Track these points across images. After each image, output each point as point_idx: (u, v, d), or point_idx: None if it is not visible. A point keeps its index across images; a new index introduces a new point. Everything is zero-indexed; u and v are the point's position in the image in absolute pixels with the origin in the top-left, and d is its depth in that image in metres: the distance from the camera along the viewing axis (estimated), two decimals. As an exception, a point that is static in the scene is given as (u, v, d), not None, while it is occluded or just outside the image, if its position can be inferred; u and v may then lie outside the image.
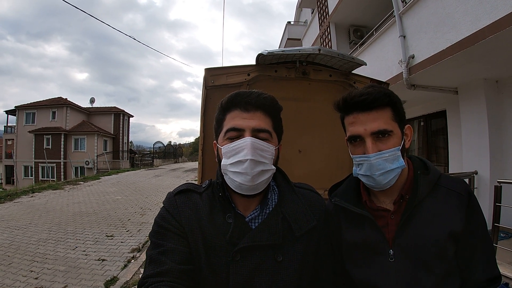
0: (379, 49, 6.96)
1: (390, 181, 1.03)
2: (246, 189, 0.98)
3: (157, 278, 0.89)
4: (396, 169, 1.01)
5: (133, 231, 7.03)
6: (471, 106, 5.66)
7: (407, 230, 1.03)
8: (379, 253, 1.06)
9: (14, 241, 6.14)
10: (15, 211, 8.98)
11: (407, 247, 1.02)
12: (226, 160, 0.99)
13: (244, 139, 0.97)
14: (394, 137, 1.02)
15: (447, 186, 1.07)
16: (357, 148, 1.06)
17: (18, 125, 31.56)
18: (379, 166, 1.00)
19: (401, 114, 1.06)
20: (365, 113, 1.02)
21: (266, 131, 1.02)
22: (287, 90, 2.34)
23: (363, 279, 1.08)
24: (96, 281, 4.39)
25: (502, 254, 3.63)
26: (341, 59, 2.25)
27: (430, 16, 5.01)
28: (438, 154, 7.64)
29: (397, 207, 1.08)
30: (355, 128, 1.04)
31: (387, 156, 1.00)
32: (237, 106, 1.02)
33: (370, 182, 1.05)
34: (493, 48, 4.10)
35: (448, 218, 1.02)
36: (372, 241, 1.07)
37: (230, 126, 1.01)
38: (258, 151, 0.97)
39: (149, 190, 13.83)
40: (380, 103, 1.01)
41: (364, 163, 1.03)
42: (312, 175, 2.40)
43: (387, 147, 1.01)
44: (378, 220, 1.08)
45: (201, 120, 2.28)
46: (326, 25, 10.71)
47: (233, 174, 0.98)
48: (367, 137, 1.01)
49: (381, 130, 1.00)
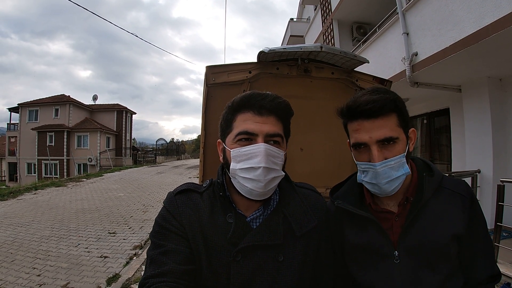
0: (382, 46, 6.92)
1: (395, 188, 1.02)
2: (256, 194, 0.98)
3: (159, 279, 0.89)
4: (402, 176, 1.00)
5: (136, 228, 7.05)
6: (474, 104, 5.62)
7: (412, 232, 1.03)
8: (384, 255, 1.06)
9: (17, 238, 6.17)
10: (18, 208, 9.03)
11: (412, 249, 1.03)
12: (236, 164, 0.97)
13: (258, 145, 0.96)
14: (399, 143, 1.00)
15: (450, 188, 1.07)
16: (362, 154, 1.04)
17: (21, 123, 31.70)
18: (385, 175, 0.99)
19: (406, 119, 1.04)
20: (370, 120, 0.99)
21: (278, 135, 1.00)
22: (289, 88, 2.32)
23: (368, 281, 1.08)
24: (98, 278, 4.41)
25: (505, 254, 3.62)
26: (343, 56, 2.23)
27: (434, 13, 4.97)
28: (441, 153, 7.61)
29: (402, 209, 1.07)
30: (360, 135, 1.01)
31: (393, 164, 0.99)
32: (250, 108, 1.00)
33: (376, 190, 1.04)
34: (497, 46, 4.06)
35: (452, 219, 1.02)
36: (376, 243, 1.07)
37: (242, 129, 0.98)
38: (271, 158, 0.96)
39: (151, 187, 13.85)
40: (386, 111, 0.99)
41: (369, 170, 1.02)
42: (314, 173, 2.40)
43: (393, 154, 0.99)
44: (382, 222, 1.08)
45: (202, 117, 2.27)
46: (329, 22, 10.66)
47: (244, 180, 0.97)
48: (372, 145, 0.99)
49: (387, 138, 0.98)
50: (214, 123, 2.28)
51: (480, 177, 5.35)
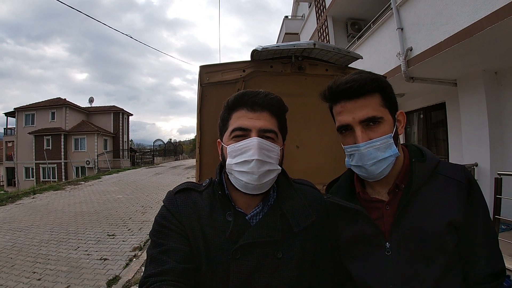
0: (377, 42, 6.91)
1: (383, 171, 0.98)
2: (252, 188, 0.98)
3: (159, 278, 0.89)
4: (389, 158, 0.97)
5: (135, 230, 7.05)
6: (470, 98, 5.63)
7: (404, 222, 0.99)
8: (375, 246, 1.03)
9: (17, 243, 6.15)
10: (17, 213, 9.00)
11: (404, 239, 0.98)
12: (231, 159, 0.99)
13: (251, 139, 0.97)
14: (385, 124, 0.97)
15: (446, 174, 1.02)
16: (347, 138, 1.02)
17: (18, 127, 31.57)
18: (370, 156, 0.96)
19: (391, 100, 1.02)
20: (352, 101, 0.98)
21: (272, 131, 1.01)
22: (283, 85, 2.32)
23: (360, 274, 1.06)
24: (98, 280, 4.41)
25: (503, 246, 3.58)
26: (336, 53, 2.23)
27: (428, 8, 4.96)
28: (438, 147, 7.62)
29: (392, 197, 1.04)
30: (343, 117, 1.00)
31: (379, 145, 0.96)
32: (244, 106, 1.02)
33: (363, 172, 1.01)
34: (491, 40, 4.06)
35: (447, 207, 0.97)
36: (367, 235, 1.04)
37: (236, 126, 1.00)
38: (264, 151, 0.97)
39: (150, 188, 13.85)
40: (367, 90, 0.97)
41: (355, 153, 1.00)
42: (311, 170, 2.40)
43: (378, 135, 0.96)
44: (372, 211, 1.05)
45: (197, 117, 2.27)
46: (324, 18, 10.66)
47: (239, 174, 0.98)
48: (356, 126, 0.98)
49: (370, 118, 0.96)
50: (209, 122, 2.29)
51: (478, 170, 5.36)
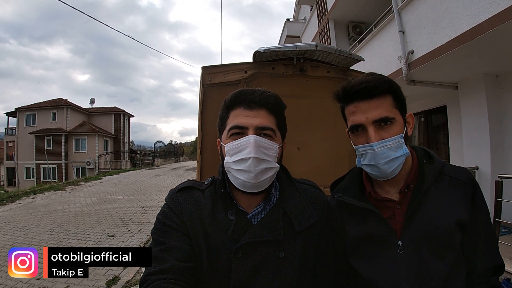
0: (378, 45, 6.93)
1: (395, 170, 1.01)
2: (249, 186, 0.98)
3: (160, 276, 0.89)
4: (401, 157, 1.00)
5: (135, 231, 7.04)
6: (471, 101, 5.63)
7: (415, 220, 1.02)
8: (387, 245, 1.05)
9: (16, 243, 6.14)
10: (17, 213, 8.99)
11: (416, 238, 1.01)
12: (229, 158, 0.99)
13: (248, 137, 0.97)
14: (396, 124, 1.01)
15: (452, 175, 1.07)
16: (359, 138, 1.05)
17: (19, 127, 31.55)
18: (383, 155, 0.99)
19: (402, 102, 1.05)
20: (366, 101, 1.01)
21: (269, 129, 1.01)
22: (285, 87, 2.33)
23: (369, 272, 1.07)
24: (98, 281, 4.40)
25: (504, 250, 3.60)
26: (338, 55, 2.24)
27: (429, 11, 4.98)
28: (439, 150, 7.61)
29: (403, 196, 1.07)
30: (357, 117, 1.02)
31: (391, 144, 0.99)
32: (241, 104, 1.03)
33: (375, 171, 1.03)
34: (492, 43, 4.07)
35: (455, 206, 1.01)
36: (378, 234, 1.06)
37: (234, 124, 1.01)
38: (261, 149, 0.97)
39: (150, 190, 13.83)
40: (380, 91, 1.00)
41: (367, 152, 1.02)
42: (312, 172, 2.39)
43: (390, 135, 1.00)
44: (383, 211, 1.07)
45: (199, 118, 2.27)
46: (325, 21, 10.68)
47: (237, 172, 0.98)
48: (369, 126, 1.00)
49: (383, 118, 0.99)
50: (211, 123, 2.28)
51: (478, 173, 5.35)
